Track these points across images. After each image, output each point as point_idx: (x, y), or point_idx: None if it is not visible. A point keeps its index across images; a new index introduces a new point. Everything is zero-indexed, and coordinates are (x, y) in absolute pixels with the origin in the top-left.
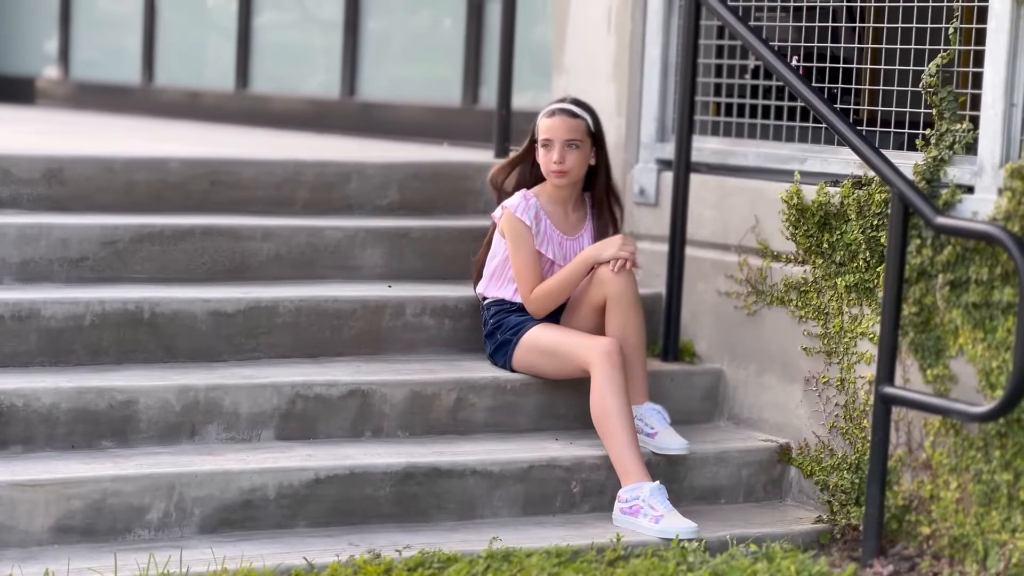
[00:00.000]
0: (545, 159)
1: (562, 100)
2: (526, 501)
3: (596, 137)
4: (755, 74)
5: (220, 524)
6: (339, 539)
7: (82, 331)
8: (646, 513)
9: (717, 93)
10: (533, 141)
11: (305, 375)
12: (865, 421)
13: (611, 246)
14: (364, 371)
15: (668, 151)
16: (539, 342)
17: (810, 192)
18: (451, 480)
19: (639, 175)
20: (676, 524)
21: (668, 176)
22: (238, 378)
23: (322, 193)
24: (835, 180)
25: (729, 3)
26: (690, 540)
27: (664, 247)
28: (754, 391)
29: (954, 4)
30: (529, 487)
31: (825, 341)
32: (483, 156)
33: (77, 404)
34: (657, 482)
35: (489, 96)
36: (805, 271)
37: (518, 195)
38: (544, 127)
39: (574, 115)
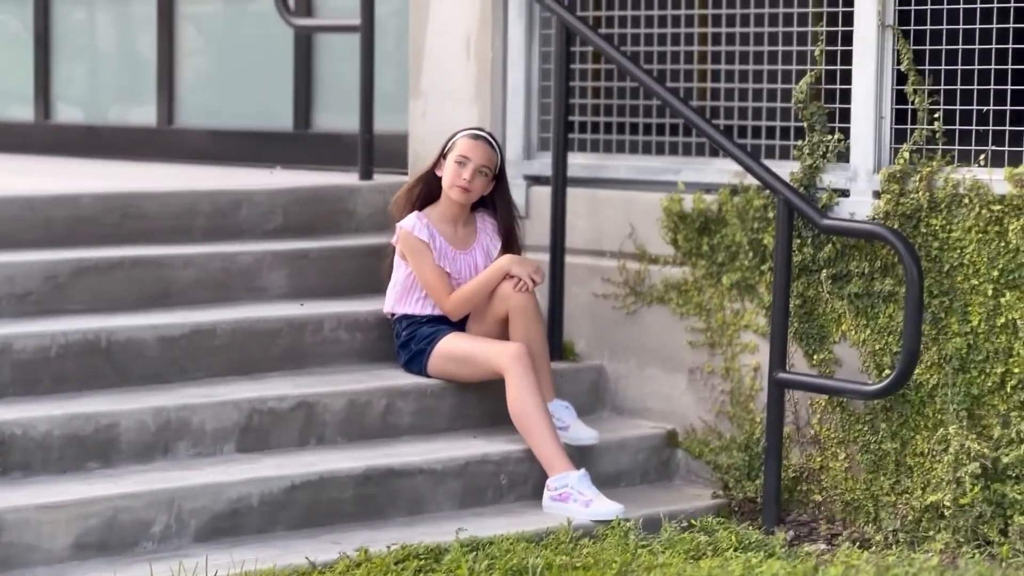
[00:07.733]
0: (455, 173)
1: (481, 129)
2: (463, 494)
3: (499, 173)
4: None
5: (212, 533)
6: (319, 539)
7: (48, 362)
8: (575, 499)
9: (583, 112)
10: (442, 156)
11: (254, 391)
12: (752, 404)
13: (525, 266)
14: (302, 384)
15: (535, 168)
16: (453, 350)
17: (687, 200)
18: (403, 480)
19: None
20: (606, 507)
21: (536, 191)
22: (199, 397)
23: (217, 220)
24: (708, 189)
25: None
26: (624, 520)
27: (533, 256)
28: (636, 383)
29: (819, 29)
30: (466, 482)
31: (708, 335)
32: (349, 179)
33: (67, 430)
34: (582, 470)
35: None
36: (684, 272)
37: (411, 216)
38: (466, 146)
39: (493, 147)
